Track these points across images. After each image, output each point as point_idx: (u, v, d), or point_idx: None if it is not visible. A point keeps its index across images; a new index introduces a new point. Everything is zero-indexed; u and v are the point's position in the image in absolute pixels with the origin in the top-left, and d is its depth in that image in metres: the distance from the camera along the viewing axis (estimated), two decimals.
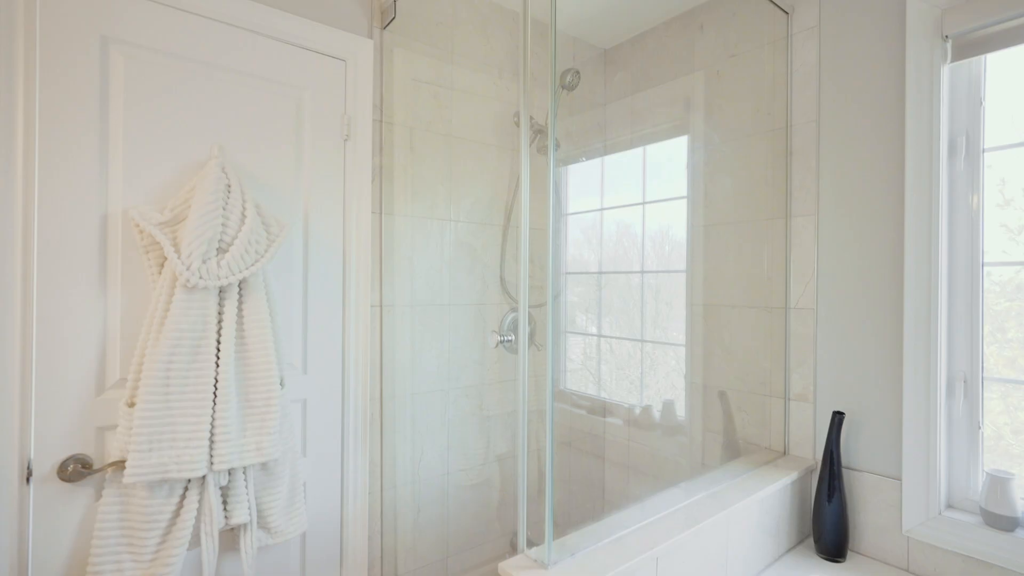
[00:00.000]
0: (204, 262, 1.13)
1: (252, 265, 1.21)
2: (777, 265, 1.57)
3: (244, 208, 1.21)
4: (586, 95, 2.12)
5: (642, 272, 2.13)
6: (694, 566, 1.12)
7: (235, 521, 1.20)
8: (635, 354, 2.14)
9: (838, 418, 1.38)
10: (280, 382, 1.28)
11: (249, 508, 1.22)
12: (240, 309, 1.22)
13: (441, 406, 1.66)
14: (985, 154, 1.28)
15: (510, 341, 1.48)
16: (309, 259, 1.42)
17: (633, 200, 2.14)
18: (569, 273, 2.43)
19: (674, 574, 1.07)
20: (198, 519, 1.16)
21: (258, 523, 1.27)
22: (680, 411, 1.88)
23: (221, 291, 1.19)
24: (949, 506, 1.31)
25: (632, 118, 2.03)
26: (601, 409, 2.12)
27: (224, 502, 1.21)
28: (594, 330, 2.31)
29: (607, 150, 2.17)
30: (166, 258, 1.14)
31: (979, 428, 1.28)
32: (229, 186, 1.20)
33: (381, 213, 1.54)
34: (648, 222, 2.10)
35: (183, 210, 1.16)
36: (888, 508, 1.36)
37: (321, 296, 1.44)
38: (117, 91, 1.15)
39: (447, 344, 1.68)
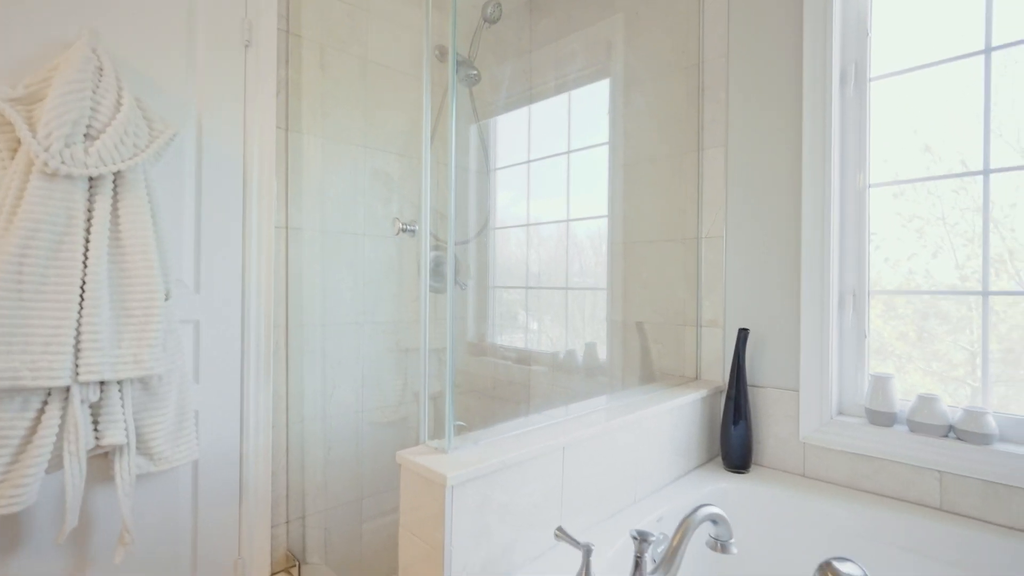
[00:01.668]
0: (68, 146, 1.01)
1: (130, 159, 1.09)
2: (690, 197, 1.61)
3: (120, 96, 1.09)
4: (512, 41, 2.10)
5: (567, 220, 2.15)
6: (604, 463, 1.13)
7: (108, 442, 1.08)
8: (560, 302, 2.15)
9: (743, 334, 1.44)
10: (165, 294, 1.17)
11: (126, 429, 1.10)
12: (115, 207, 1.10)
13: (355, 340, 1.59)
14: (871, 83, 1.38)
15: (412, 232, 1.43)
16: (203, 169, 1.31)
17: (559, 149, 2.15)
18: (497, 228, 2.41)
19: (582, 466, 1.07)
20: (60, 437, 1.03)
21: (138, 448, 1.15)
22: (602, 351, 1.90)
23: (92, 184, 1.07)
24: (840, 412, 1.39)
25: (557, 64, 2.03)
26: (527, 359, 2.11)
27: (95, 421, 1.08)
28: (521, 283, 2.30)
29: (533, 98, 2.17)
30: (20, 141, 1.01)
31: (865, 337, 1.37)
32: (101, 69, 1.08)
33: (287, 130, 1.45)
34: (573, 170, 2.11)
35: (42, 88, 1.03)
36: (788, 419, 1.43)
37: (217, 211, 1.33)
38: None
39: (362, 275, 1.61)
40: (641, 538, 0.77)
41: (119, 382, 1.10)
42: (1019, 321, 1.16)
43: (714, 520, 0.84)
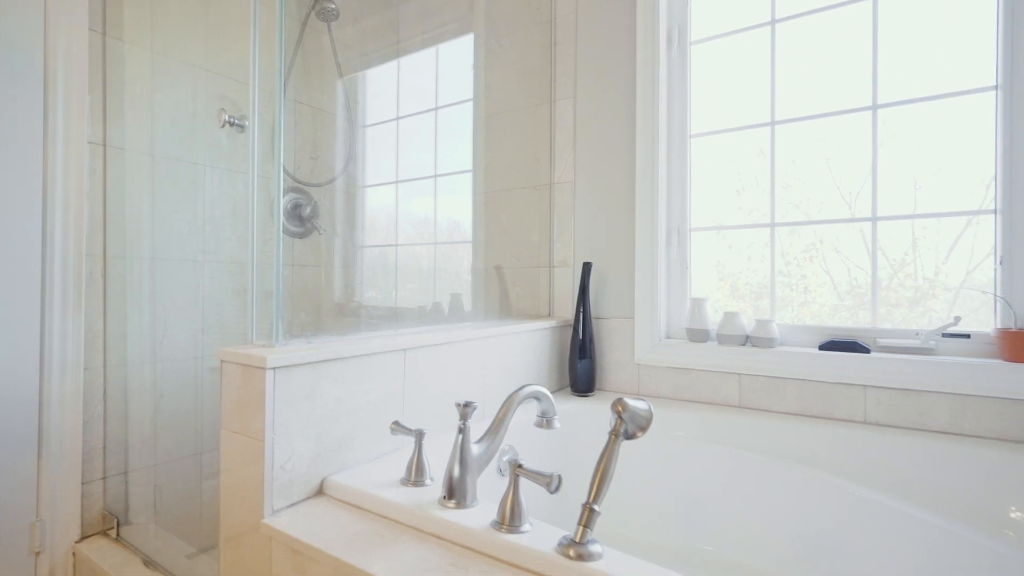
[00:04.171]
0: None
1: None
2: (544, 146, 1.72)
3: None
4: None
5: (435, 176, 2.16)
6: (451, 376, 1.16)
7: None
8: (429, 257, 2.16)
9: (587, 267, 1.56)
10: None
11: None
12: None
13: (193, 278, 1.45)
14: (691, 47, 1.57)
15: (241, 128, 1.35)
16: None
17: (428, 105, 2.16)
18: (368, 186, 2.36)
19: (426, 374, 1.09)
20: None
21: None
22: (467, 300, 1.94)
23: None
24: (668, 336, 1.57)
25: (424, 18, 2.04)
26: (395, 315, 2.09)
27: None
28: (391, 241, 2.27)
29: (400, 52, 2.16)
30: None
31: (687, 268, 1.56)
32: None
33: (105, 35, 1.29)
34: (440, 127, 2.14)
35: None
36: (626, 345, 1.58)
37: (5, 114, 1.14)
38: None
39: (201, 210, 1.48)
40: (464, 404, 0.81)
41: None
42: (826, 300, 1.40)
43: (537, 397, 0.91)
